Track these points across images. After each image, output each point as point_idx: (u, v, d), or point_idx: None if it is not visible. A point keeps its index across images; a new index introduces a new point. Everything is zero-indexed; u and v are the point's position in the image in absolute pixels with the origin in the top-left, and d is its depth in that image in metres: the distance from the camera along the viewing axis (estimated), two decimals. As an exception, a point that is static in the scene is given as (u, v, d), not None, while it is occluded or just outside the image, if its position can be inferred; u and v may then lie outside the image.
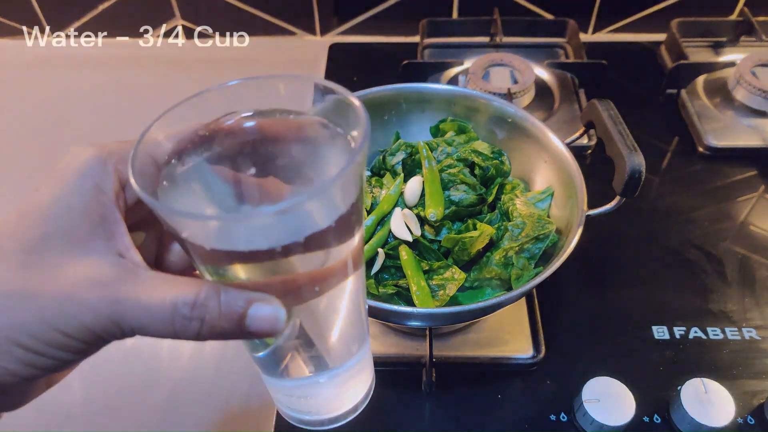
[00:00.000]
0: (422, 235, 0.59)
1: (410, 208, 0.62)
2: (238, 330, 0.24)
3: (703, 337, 0.64)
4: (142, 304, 0.23)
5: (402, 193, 0.62)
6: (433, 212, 0.58)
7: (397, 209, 0.60)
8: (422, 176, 0.62)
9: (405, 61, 0.89)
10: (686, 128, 0.87)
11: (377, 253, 0.58)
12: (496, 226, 0.60)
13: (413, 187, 0.61)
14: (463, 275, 0.56)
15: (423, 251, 0.59)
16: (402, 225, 0.59)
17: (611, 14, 1.03)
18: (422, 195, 0.61)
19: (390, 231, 0.60)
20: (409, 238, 0.58)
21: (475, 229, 0.59)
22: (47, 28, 1.05)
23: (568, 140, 0.61)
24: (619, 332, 0.64)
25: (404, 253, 0.57)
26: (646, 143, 0.85)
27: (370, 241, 0.59)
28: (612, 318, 0.66)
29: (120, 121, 0.92)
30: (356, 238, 0.27)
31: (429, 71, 0.93)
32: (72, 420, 0.59)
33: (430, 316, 0.53)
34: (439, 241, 0.59)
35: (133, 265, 0.25)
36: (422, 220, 0.60)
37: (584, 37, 1.04)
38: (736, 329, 0.64)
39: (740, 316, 0.65)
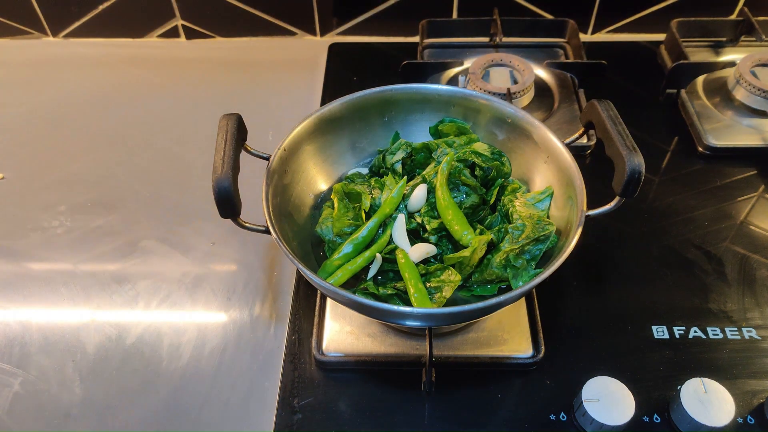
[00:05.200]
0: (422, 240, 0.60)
1: (412, 214, 0.62)
2: None
3: (703, 336, 0.64)
4: None
5: (405, 197, 0.62)
6: (469, 236, 0.58)
7: (401, 216, 0.60)
8: (427, 184, 0.62)
9: (405, 61, 0.89)
10: (686, 128, 0.87)
11: (375, 256, 0.59)
12: (496, 228, 0.60)
13: (419, 194, 0.61)
14: (458, 277, 0.57)
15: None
16: (404, 234, 0.60)
17: (611, 14, 1.03)
18: (426, 202, 0.61)
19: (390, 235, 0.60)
20: (409, 248, 0.59)
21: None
22: (47, 28, 1.05)
23: (568, 140, 0.61)
24: (619, 332, 0.64)
25: (401, 256, 0.57)
26: (646, 143, 0.85)
27: (372, 247, 0.59)
28: (612, 318, 0.66)
29: (119, 120, 0.92)
30: None
31: (429, 71, 0.93)
32: (72, 420, 0.59)
33: (430, 317, 0.52)
34: (439, 249, 0.59)
35: None
36: (422, 226, 0.61)
37: (584, 37, 1.05)
38: (735, 329, 0.64)
39: (740, 315, 0.65)
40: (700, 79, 0.92)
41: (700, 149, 0.84)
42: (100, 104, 0.95)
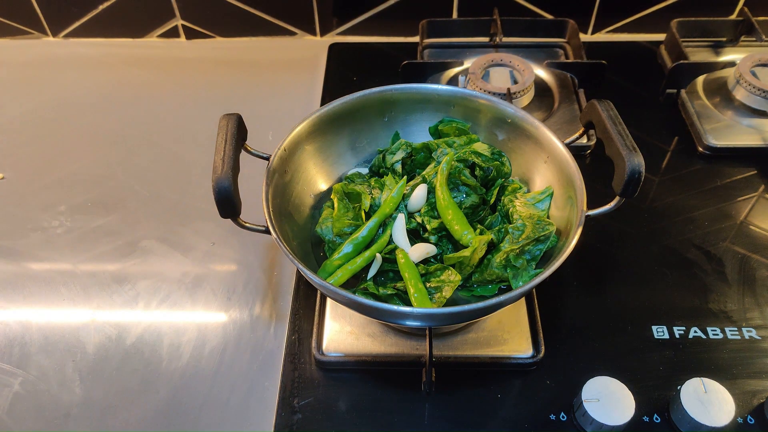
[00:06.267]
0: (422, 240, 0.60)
1: (412, 214, 0.62)
2: None
3: (703, 336, 0.64)
4: None
5: (405, 196, 0.62)
6: (469, 236, 0.57)
7: (401, 216, 0.60)
8: (427, 184, 0.62)
9: (405, 61, 0.89)
10: (686, 128, 0.87)
11: (375, 256, 0.59)
12: (496, 228, 0.60)
13: (419, 194, 0.61)
14: (458, 277, 0.57)
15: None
16: (404, 234, 0.59)
17: (611, 14, 1.03)
18: (426, 202, 0.61)
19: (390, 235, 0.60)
20: (409, 248, 0.58)
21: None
22: (47, 28, 1.05)
23: (568, 140, 0.61)
24: (619, 332, 0.64)
25: (401, 256, 0.57)
26: (646, 143, 0.85)
27: (372, 248, 0.59)
28: (612, 318, 0.66)
29: (119, 120, 0.92)
30: None
31: (429, 71, 0.93)
32: (72, 420, 0.59)
33: (430, 317, 0.52)
34: (439, 249, 0.59)
35: None
36: (422, 226, 0.61)
37: (584, 37, 1.05)
38: (735, 329, 0.64)
39: (740, 315, 0.65)
40: (700, 79, 0.92)
41: (700, 149, 0.84)
42: (100, 104, 0.95)
